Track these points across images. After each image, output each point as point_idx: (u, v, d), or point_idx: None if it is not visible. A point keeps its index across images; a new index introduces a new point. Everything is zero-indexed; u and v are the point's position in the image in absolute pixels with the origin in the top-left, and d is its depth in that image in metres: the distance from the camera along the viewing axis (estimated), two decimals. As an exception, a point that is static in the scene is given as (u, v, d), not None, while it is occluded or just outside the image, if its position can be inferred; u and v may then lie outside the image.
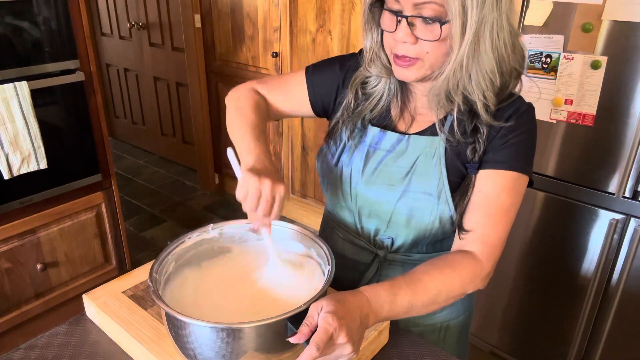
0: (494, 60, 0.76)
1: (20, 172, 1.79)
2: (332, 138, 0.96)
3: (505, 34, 0.75)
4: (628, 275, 1.61)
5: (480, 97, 0.79)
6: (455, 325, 1.03)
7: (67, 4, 1.83)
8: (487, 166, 0.83)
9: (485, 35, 0.73)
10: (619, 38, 1.46)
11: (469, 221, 0.84)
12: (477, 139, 0.83)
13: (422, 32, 0.75)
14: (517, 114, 0.83)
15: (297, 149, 2.92)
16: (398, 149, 0.89)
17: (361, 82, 0.92)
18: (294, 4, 2.59)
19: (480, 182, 0.83)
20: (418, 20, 0.74)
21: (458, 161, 0.85)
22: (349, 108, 0.93)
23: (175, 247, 0.84)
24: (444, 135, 0.85)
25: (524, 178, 0.83)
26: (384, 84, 0.89)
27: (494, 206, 0.82)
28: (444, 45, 0.75)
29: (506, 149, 0.82)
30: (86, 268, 2.16)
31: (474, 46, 0.73)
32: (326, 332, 0.63)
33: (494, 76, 0.77)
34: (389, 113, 0.92)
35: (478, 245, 0.82)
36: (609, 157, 1.56)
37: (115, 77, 4.07)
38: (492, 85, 0.78)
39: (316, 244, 0.85)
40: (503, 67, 0.78)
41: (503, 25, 0.74)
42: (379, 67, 0.87)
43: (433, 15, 0.73)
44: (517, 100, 0.84)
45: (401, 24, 0.75)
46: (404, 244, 0.93)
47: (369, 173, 0.91)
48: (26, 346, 0.85)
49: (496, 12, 0.72)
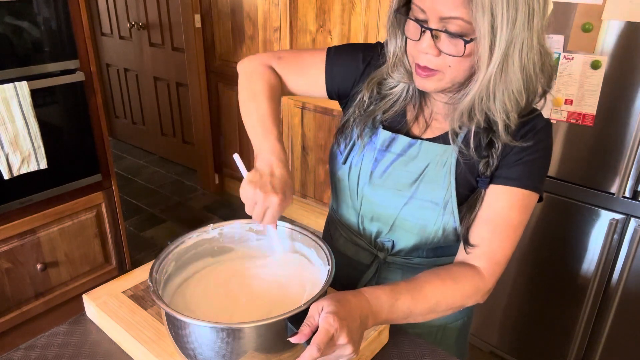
0: (521, 81, 0.73)
1: (20, 172, 1.79)
2: (342, 135, 0.94)
3: (535, 54, 0.72)
4: (628, 275, 1.61)
5: (503, 118, 0.76)
6: (453, 328, 1.02)
7: (67, 4, 1.83)
8: (499, 182, 0.82)
9: (514, 56, 0.70)
10: (619, 38, 1.46)
11: (476, 236, 0.83)
12: (492, 153, 0.81)
13: (446, 46, 0.72)
14: (534, 132, 0.81)
15: (297, 149, 2.92)
16: (409, 154, 0.87)
17: (378, 81, 0.90)
18: (294, 4, 2.59)
19: (490, 197, 0.82)
20: (443, 33, 0.72)
21: (469, 174, 0.84)
22: (361, 106, 0.91)
23: (175, 247, 0.84)
24: (457, 146, 0.83)
25: (534, 196, 0.82)
26: (402, 87, 0.87)
27: (502, 223, 0.81)
28: (467, 61, 0.73)
29: (520, 166, 0.81)
30: (86, 268, 2.16)
31: (501, 67, 0.70)
32: (327, 333, 0.63)
33: (520, 97, 0.74)
34: (404, 117, 0.90)
35: (483, 261, 0.81)
36: (609, 157, 1.56)
37: (115, 77, 4.07)
38: (517, 105, 0.75)
39: (316, 244, 0.85)
40: (530, 87, 0.75)
41: (533, 45, 0.71)
42: (401, 72, 0.85)
43: (459, 32, 0.70)
44: (536, 117, 0.82)
45: (425, 34, 0.73)
46: (404, 248, 0.93)
47: (377, 176, 0.90)
48: (26, 346, 0.85)
49: (527, 31, 0.69)
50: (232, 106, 3.16)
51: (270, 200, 0.78)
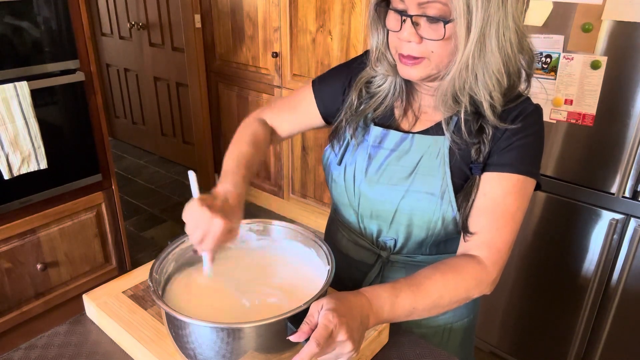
0: (500, 60, 0.75)
1: (21, 172, 1.79)
2: (336, 137, 0.95)
3: (512, 34, 0.74)
4: (628, 275, 1.61)
5: (486, 97, 0.78)
6: (459, 328, 1.02)
7: (67, 4, 1.83)
8: (492, 169, 0.82)
9: (491, 35, 0.73)
10: (619, 38, 1.46)
11: (474, 225, 0.83)
12: (483, 139, 0.82)
13: (427, 32, 0.75)
14: (523, 115, 0.82)
15: (297, 149, 2.92)
16: (401, 148, 0.88)
17: (366, 81, 0.92)
18: (294, 4, 2.59)
19: (485, 185, 0.82)
20: (422, 19, 0.74)
21: (462, 162, 0.84)
22: (352, 107, 0.93)
23: (175, 247, 0.84)
24: (449, 134, 0.84)
25: (530, 181, 0.82)
26: (389, 83, 0.89)
27: (499, 210, 0.81)
28: (449, 45, 0.75)
29: (511, 152, 0.81)
30: (86, 268, 2.16)
31: (479, 46, 0.73)
32: (326, 329, 0.63)
33: (501, 76, 0.77)
34: (392, 112, 0.92)
35: (484, 250, 0.81)
36: (609, 157, 1.56)
37: (115, 77, 4.07)
38: (499, 85, 0.78)
39: (316, 244, 0.85)
40: (510, 67, 0.77)
41: (509, 25, 0.73)
42: (385, 66, 0.87)
43: (437, 15, 0.73)
44: (524, 102, 0.83)
45: (406, 23, 0.75)
46: (406, 246, 0.93)
47: (372, 172, 0.90)
48: (26, 346, 0.85)
49: (502, 11, 0.72)
50: (232, 106, 3.16)
51: (214, 223, 0.72)
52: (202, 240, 0.73)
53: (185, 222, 0.74)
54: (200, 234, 0.73)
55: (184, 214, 0.74)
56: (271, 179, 3.14)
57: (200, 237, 0.73)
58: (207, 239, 0.73)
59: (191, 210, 0.73)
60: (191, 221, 0.73)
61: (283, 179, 3.05)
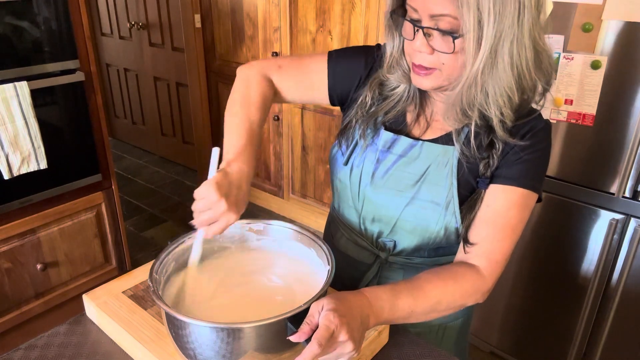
0: (512, 78, 0.73)
1: (20, 172, 1.79)
2: (344, 136, 0.94)
3: (527, 51, 0.72)
4: (628, 275, 1.61)
5: (497, 114, 0.77)
6: (453, 328, 1.03)
7: (67, 4, 1.83)
8: (498, 181, 0.82)
9: (503, 52, 0.70)
10: (619, 38, 1.46)
11: (475, 235, 0.83)
12: (492, 154, 0.82)
13: (439, 44, 0.74)
14: (533, 132, 0.81)
15: (297, 149, 2.92)
16: (410, 155, 0.88)
17: (380, 82, 0.90)
18: (294, 4, 2.59)
19: (489, 197, 0.83)
20: (435, 31, 0.73)
21: (470, 175, 0.84)
22: (364, 107, 0.91)
23: (175, 247, 0.84)
24: (459, 145, 0.83)
25: (533, 196, 0.83)
26: (404, 88, 0.88)
27: (501, 222, 0.81)
28: (460, 58, 0.74)
29: (518, 166, 0.81)
30: (86, 268, 2.16)
31: (490, 62, 0.71)
32: (327, 329, 0.63)
33: (512, 93, 0.74)
34: (404, 117, 0.91)
35: (483, 260, 0.82)
36: (609, 157, 1.56)
37: (115, 77, 4.07)
38: (509, 102, 0.76)
39: (316, 244, 0.85)
40: (523, 84, 0.75)
41: (525, 42, 0.71)
42: (399, 74, 0.86)
43: (448, 28, 0.72)
44: (535, 118, 0.82)
45: (418, 33, 0.75)
46: (406, 249, 0.93)
47: (378, 177, 0.90)
48: (26, 346, 0.85)
49: (517, 28, 0.69)
50: (232, 106, 3.16)
51: (227, 217, 0.73)
52: (208, 224, 0.73)
53: (196, 199, 0.73)
54: (208, 219, 0.73)
55: (197, 192, 0.72)
56: (271, 179, 3.14)
57: (208, 221, 0.73)
58: (214, 226, 0.73)
59: (207, 193, 0.71)
60: (204, 204, 0.72)
61: (283, 179, 3.05)
